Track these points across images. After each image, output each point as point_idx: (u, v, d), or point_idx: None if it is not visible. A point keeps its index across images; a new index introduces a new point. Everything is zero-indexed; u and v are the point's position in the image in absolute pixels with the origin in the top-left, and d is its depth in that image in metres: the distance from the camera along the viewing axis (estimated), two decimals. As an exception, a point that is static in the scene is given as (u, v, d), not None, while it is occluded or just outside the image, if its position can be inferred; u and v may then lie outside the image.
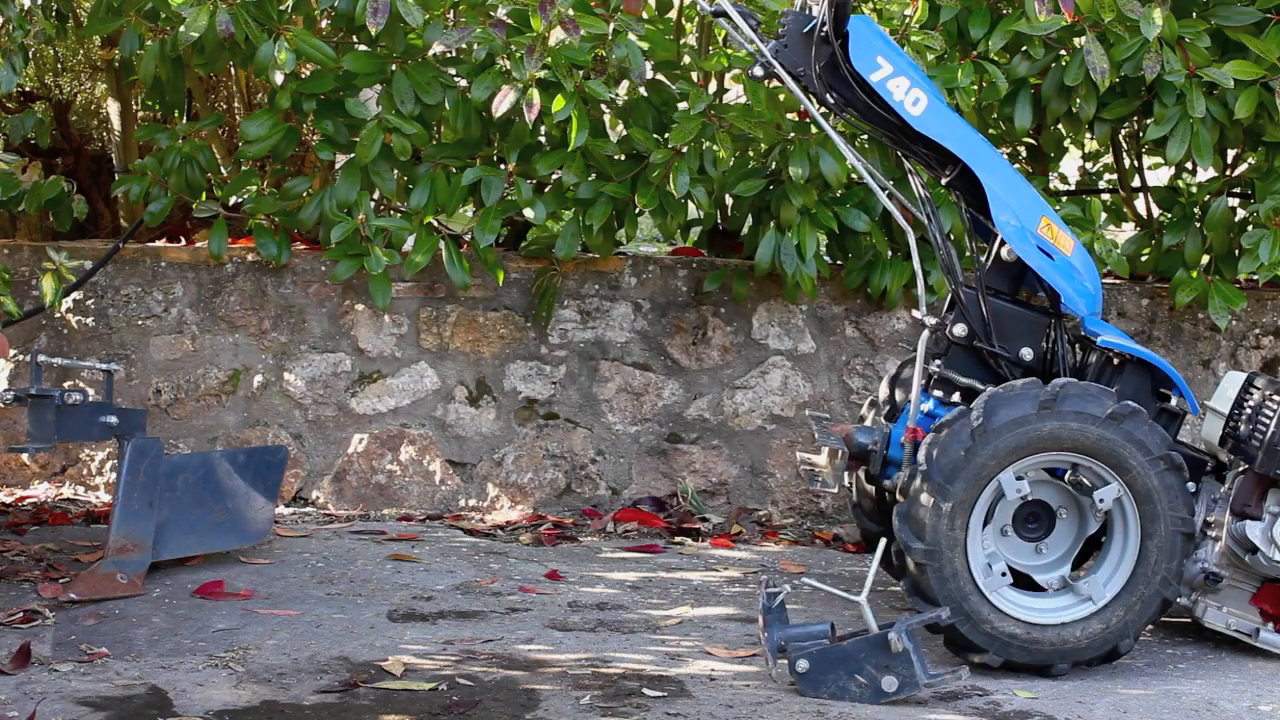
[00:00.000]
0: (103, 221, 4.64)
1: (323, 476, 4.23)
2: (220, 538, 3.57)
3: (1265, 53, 3.86)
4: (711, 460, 4.30)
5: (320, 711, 2.59)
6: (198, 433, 4.20)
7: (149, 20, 3.99)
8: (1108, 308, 4.24)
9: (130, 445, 3.33)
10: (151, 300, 4.18)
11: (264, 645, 2.95)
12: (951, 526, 2.89)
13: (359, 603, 3.30)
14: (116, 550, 3.29)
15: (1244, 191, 4.28)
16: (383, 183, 4.02)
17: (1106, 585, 2.98)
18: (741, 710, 2.69)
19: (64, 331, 4.18)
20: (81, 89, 4.92)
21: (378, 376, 4.22)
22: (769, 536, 4.14)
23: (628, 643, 3.09)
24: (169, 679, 2.72)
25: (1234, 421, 3.18)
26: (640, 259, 4.34)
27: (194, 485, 3.50)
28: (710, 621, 3.29)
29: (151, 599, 3.25)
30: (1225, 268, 4.20)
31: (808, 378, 4.33)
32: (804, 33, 3.08)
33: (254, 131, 3.99)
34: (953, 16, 4.00)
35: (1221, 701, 2.88)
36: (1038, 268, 3.10)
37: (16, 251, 4.19)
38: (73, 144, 4.70)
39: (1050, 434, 2.92)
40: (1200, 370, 4.35)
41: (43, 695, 2.59)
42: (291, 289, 4.22)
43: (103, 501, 4.12)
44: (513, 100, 3.81)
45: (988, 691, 2.88)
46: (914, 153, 3.16)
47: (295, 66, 3.89)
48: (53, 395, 3.27)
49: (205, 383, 4.21)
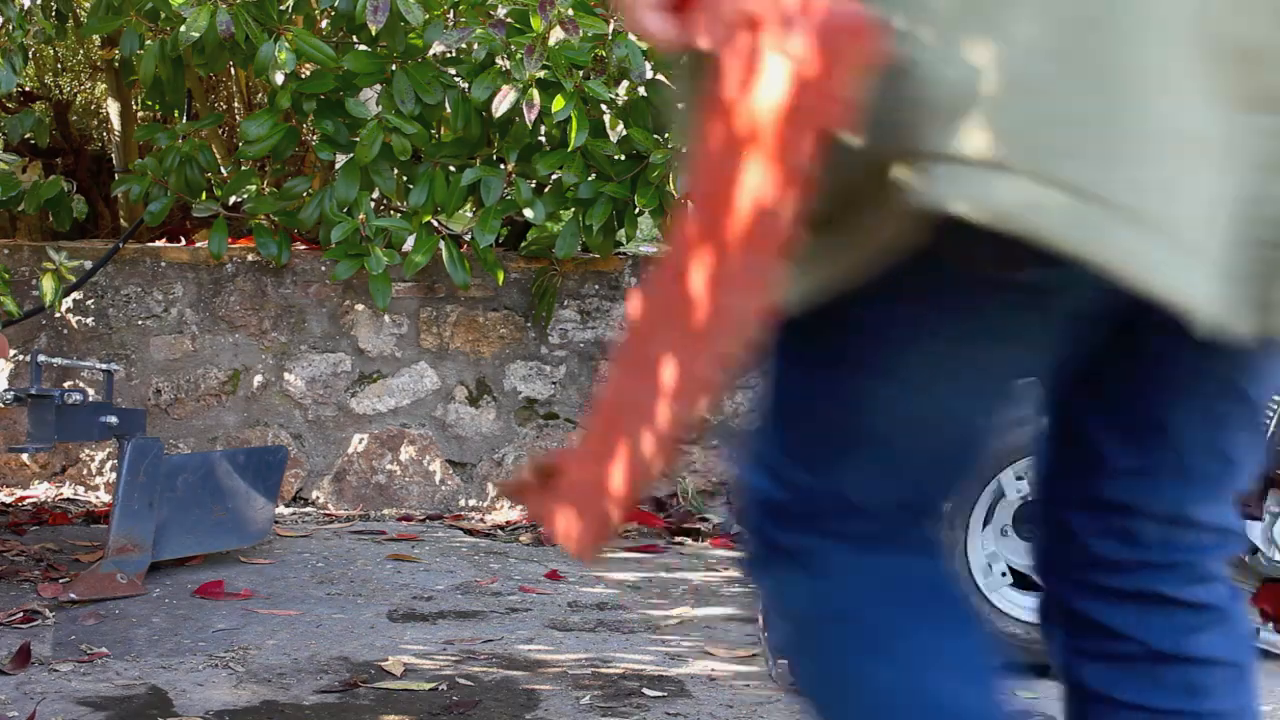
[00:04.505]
0: (103, 221, 4.64)
1: (323, 476, 4.23)
2: (220, 538, 3.57)
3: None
4: (711, 460, 4.30)
5: (320, 711, 2.59)
6: (198, 433, 4.20)
7: (149, 20, 3.99)
8: (1108, 308, 4.24)
9: (130, 445, 3.33)
10: (151, 300, 4.18)
11: (264, 645, 2.95)
12: (951, 526, 2.89)
13: (359, 603, 3.30)
14: (116, 550, 3.29)
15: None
16: (383, 183, 4.02)
17: (1107, 585, 2.98)
18: (741, 710, 2.69)
19: (64, 331, 4.18)
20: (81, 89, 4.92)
21: (378, 376, 4.22)
22: (769, 536, 4.14)
23: (628, 643, 3.09)
24: (169, 679, 2.71)
25: (1234, 421, 3.18)
26: (640, 259, 4.34)
27: (194, 485, 3.50)
28: (710, 621, 3.29)
29: (151, 599, 3.25)
30: (1225, 268, 4.20)
31: (808, 378, 4.33)
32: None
33: (254, 131, 3.99)
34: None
35: (1221, 701, 2.88)
36: (1038, 268, 3.10)
37: (16, 251, 4.19)
38: (73, 144, 4.70)
39: (1050, 434, 2.92)
40: (1200, 370, 4.35)
41: (43, 695, 2.59)
42: (291, 289, 4.22)
43: (103, 501, 4.12)
44: (513, 100, 3.81)
45: (988, 691, 2.88)
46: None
47: (295, 66, 3.89)
48: (53, 395, 3.27)
49: (205, 383, 4.21)
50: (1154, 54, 0.97)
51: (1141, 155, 0.97)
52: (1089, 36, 0.97)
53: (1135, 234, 0.97)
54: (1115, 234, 0.96)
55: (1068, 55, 0.97)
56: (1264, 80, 1.01)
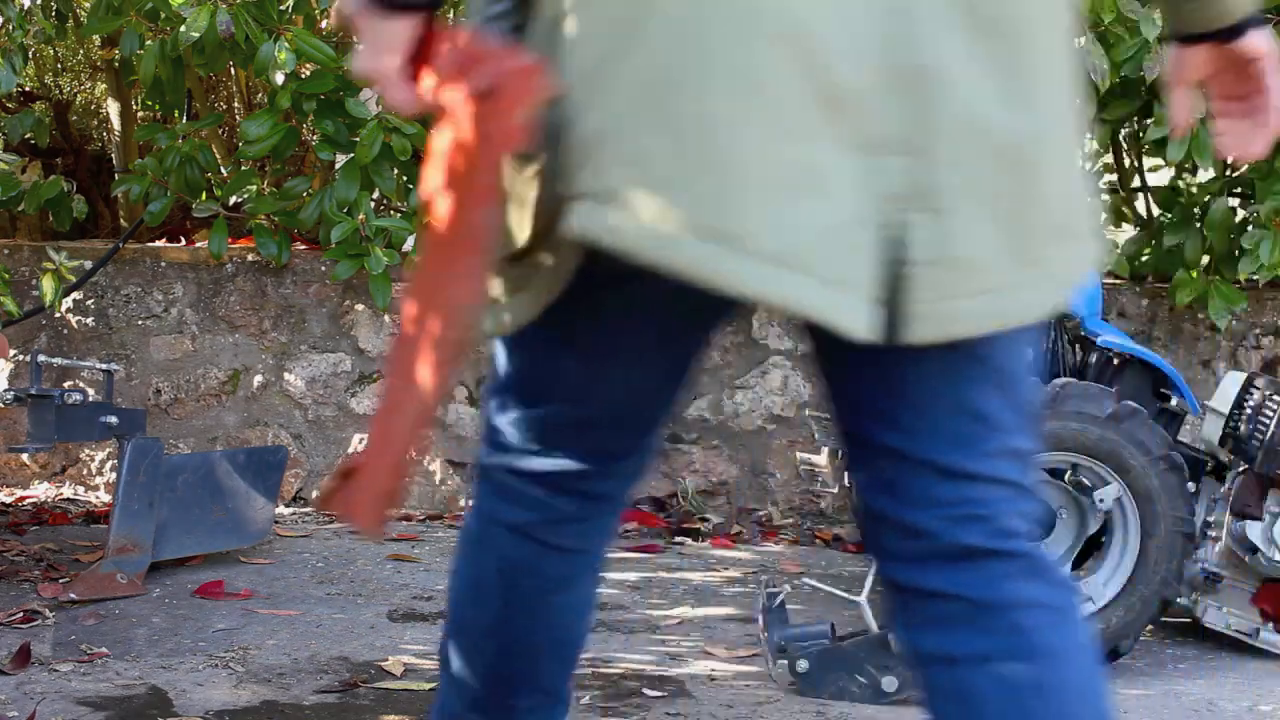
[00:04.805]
0: (103, 221, 4.64)
1: (323, 476, 4.23)
2: (220, 538, 3.57)
3: (1265, 53, 3.86)
4: (711, 460, 4.30)
5: (320, 711, 2.59)
6: (198, 433, 4.20)
7: (149, 20, 3.99)
8: (1108, 308, 4.24)
9: (130, 445, 3.33)
10: (151, 300, 4.18)
11: (264, 645, 2.95)
12: (951, 526, 2.90)
13: (359, 603, 3.30)
14: (116, 550, 3.29)
15: (1244, 192, 4.28)
16: (383, 183, 4.02)
17: (1106, 585, 2.98)
18: (741, 710, 2.69)
19: (64, 331, 4.18)
20: (81, 89, 4.92)
21: (378, 376, 4.22)
22: (769, 536, 4.14)
23: (628, 643, 3.09)
24: (169, 679, 2.71)
25: (1234, 421, 3.18)
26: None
27: (194, 485, 3.50)
28: (710, 621, 3.29)
29: (151, 599, 3.25)
30: (1225, 268, 4.20)
31: (808, 378, 4.33)
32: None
33: (254, 131, 3.99)
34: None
35: (1221, 701, 2.88)
36: (1038, 268, 3.10)
37: (16, 251, 4.19)
38: (73, 144, 4.70)
39: (1050, 434, 2.92)
40: (1200, 370, 4.35)
41: (43, 695, 2.59)
42: (291, 289, 4.22)
43: (103, 501, 4.12)
44: (513, 100, 3.81)
45: (988, 691, 2.88)
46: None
47: (295, 66, 3.89)
48: (53, 395, 3.27)
49: (205, 383, 4.21)
50: (735, 104, 1.21)
51: (721, 186, 1.21)
52: (668, 95, 1.22)
53: (716, 248, 1.21)
54: (694, 249, 1.22)
55: (653, 109, 1.22)
56: (870, 126, 1.23)
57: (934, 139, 1.24)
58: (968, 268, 1.27)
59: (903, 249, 1.25)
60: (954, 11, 1.24)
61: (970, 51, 1.24)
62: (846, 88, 1.22)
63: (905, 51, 1.23)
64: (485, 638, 1.59)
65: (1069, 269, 1.34)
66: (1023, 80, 1.27)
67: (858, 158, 1.23)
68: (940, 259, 1.26)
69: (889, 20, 1.22)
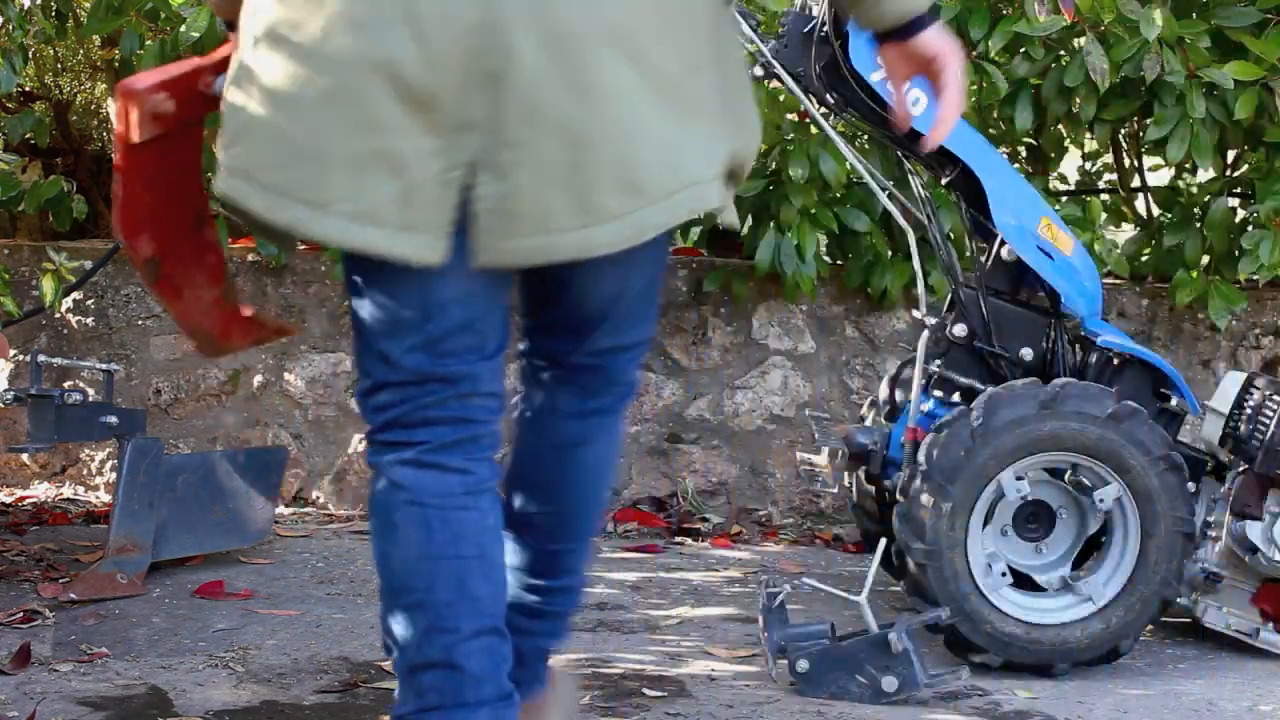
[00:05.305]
0: (103, 221, 4.64)
1: (323, 476, 4.23)
2: (220, 538, 3.57)
3: (1265, 53, 3.86)
4: (711, 460, 4.30)
5: (320, 711, 2.59)
6: (198, 433, 4.20)
7: (149, 20, 3.99)
8: (1108, 308, 4.24)
9: (130, 445, 3.33)
10: (151, 300, 4.18)
11: (264, 645, 2.95)
12: (951, 527, 2.89)
13: (359, 603, 3.30)
14: (116, 550, 3.29)
15: (1244, 192, 4.28)
16: (383, 183, 4.02)
17: (1106, 585, 2.98)
18: (741, 710, 2.69)
19: (64, 331, 4.18)
20: (81, 89, 4.92)
21: (378, 376, 4.22)
22: (769, 536, 4.15)
23: (628, 643, 3.09)
24: (169, 679, 2.71)
25: (1234, 421, 3.18)
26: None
27: (194, 485, 3.50)
28: (710, 621, 3.29)
29: (151, 599, 3.25)
30: (1225, 268, 4.20)
31: (808, 378, 4.33)
32: (804, 33, 3.07)
33: (254, 131, 3.98)
34: (952, 17, 4.00)
35: (1221, 701, 2.88)
36: (1038, 268, 3.10)
37: (16, 251, 4.19)
38: (73, 144, 4.70)
39: (1051, 434, 2.92)
40: (1200, 370, 4.35)
41: (43, 695, 2.59)
42: (291, 289, 4.22)
43: (103, 501, 4.12)
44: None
45: (988, 691, 2.88)
46: (914, 153, 3.16)
47: (295, 66, 3.88)
48: (53, 395, 3.27)
49: (205, 383, 4.21)
50: (335, 116, 1.71)
51: (314, 171, 1.73)
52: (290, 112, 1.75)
53: (310, 210, 1.73)
54: (294, 210, 1.75)
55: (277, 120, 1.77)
56: (455, 115, 1.69)
57: (503, 123, 1.68)
58: (522, 216, 1.71)
59: (474, 201, 1.72)
60: (531, 30, 1.65)
61: (540, 59, 1.66)
62: (429, 92, 1.67)
63: (484, 62, 1.66)
64: (414, 575, 1.88)
65: (640, 218, 1.73)
66: (588, 76, 1.67)
67: (442, 137, 1.69)
68: (499, 209, 1.71)
69: (470, 38, 1.66)
